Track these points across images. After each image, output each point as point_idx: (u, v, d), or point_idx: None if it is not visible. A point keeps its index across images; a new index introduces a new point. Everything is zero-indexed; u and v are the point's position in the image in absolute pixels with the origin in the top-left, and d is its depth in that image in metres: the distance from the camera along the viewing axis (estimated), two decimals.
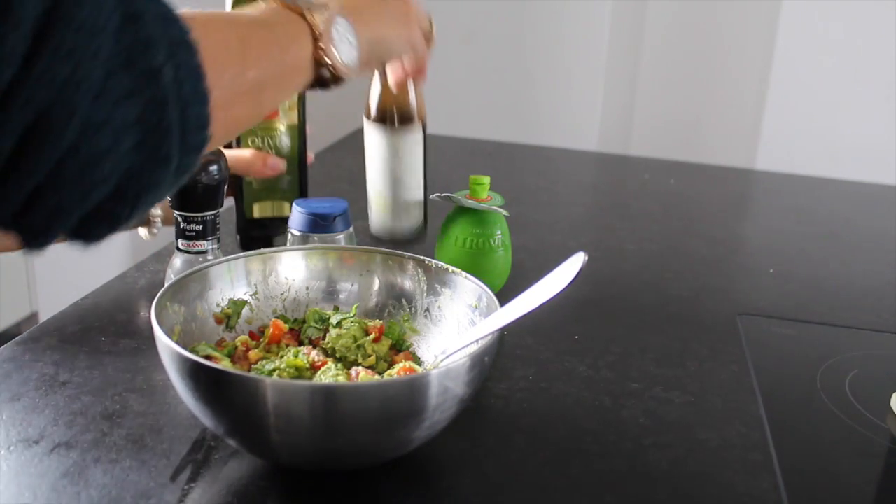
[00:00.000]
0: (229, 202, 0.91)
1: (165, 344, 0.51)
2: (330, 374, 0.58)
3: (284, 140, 0.88)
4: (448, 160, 1.55)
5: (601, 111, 2.23)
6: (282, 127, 0.88)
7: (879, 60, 2.03)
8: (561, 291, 0.53)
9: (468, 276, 0.64)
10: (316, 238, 0.77)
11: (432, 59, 0.76)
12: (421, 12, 0.72)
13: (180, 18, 0.41)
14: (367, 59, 0.61)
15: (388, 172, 0.86)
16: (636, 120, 2.39)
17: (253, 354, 0.61)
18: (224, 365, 0.57)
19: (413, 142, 0.84)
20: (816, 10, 2.05)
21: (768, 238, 1.20)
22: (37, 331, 0.73)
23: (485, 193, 0.83)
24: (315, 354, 0.61)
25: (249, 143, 0.87)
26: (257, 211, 0.90)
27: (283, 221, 0.81)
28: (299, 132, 0.89)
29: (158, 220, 0.81)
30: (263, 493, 0.54)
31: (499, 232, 0.82)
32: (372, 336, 0.64)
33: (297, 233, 0.77)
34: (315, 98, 0.86)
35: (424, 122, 0.85)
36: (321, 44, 0.55)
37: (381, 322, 0.66)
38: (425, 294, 0.67)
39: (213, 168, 0.74)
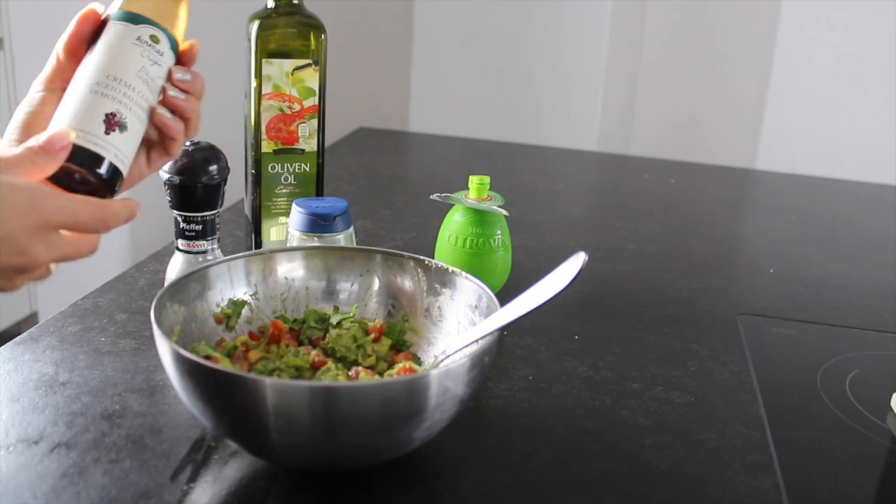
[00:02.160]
0: (229, 202, 0.91)
1: (165, 344, 0.51)
2: (330, 374, 0.58)
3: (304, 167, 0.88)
4: (448, 160, 1.55)
5: (601, 111, 2.23)
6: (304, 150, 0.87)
7: (879, 61, 2.03)
8: (561, 291, 0.52)
9: (468, 276, 0.64)
10: (316, 238, 0.77)
11: (432, 59, 0.75)
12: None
13: None
14: None
15: None
16: (636, 120, 2.40)
17: (253, 354, 0.61)
18: (224, 365, 0.56)
19: None
20: (816, 10, 2.06)
21: (768, 238, 1.20)
22: (37, 331, 0.73)
23: (485, 193, 0.83)
24: (315, 354, 0.61)
25: (269, 169, 0.87)
26: None
27: None
28: (318, 158, 0.88)
29: None
30: (263, 493, 0.54)
31: (499, 232, 0.82)
32: (372, 336, 0.64)
33: (297, 233, 0.77)
34: None
35: None
36: None
37: (381, 322, 0.66)
38: (425, 294, 0.67)
39: (213, 168, 0.74)
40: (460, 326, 0.64)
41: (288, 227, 0.79)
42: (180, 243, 0.75)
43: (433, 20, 2.28)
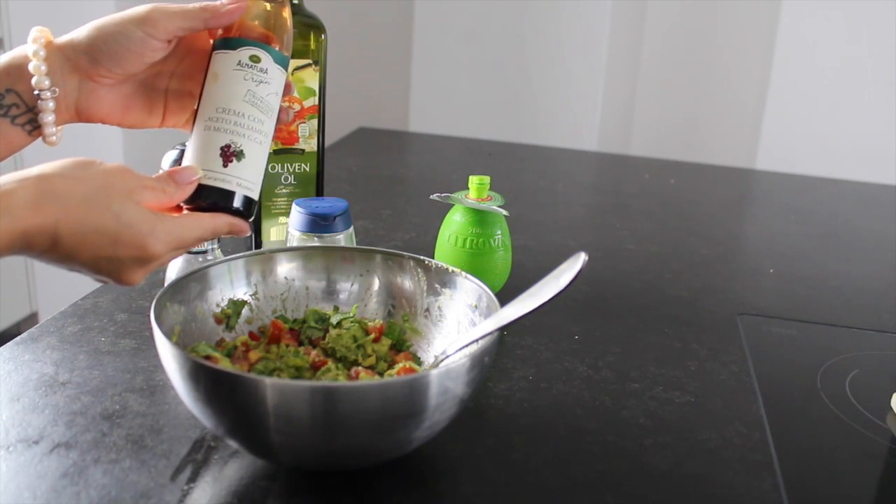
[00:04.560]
0: None
1: (165, 344, 0.51)
2: (330, 374, 0.58)
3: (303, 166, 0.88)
4: (448, 160, 1.55)
5: (601, 111, 2.23)
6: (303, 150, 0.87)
7: (879, 61, 2.03)
8: (561, 291, 0.52)
9: (468, 276, 0.64)
10: (316, 238, 0.77)
11: (432, 59, 0.75)
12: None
13: None
14: None
15: None
16: (636, 120, 2.40)
17: (253, 354, 0.61)
18: (224, 365, 0.56)
19: None
20: (816, 10, 2.06)
21: (768, 238, 1.20)
22: (37, 331, 0.73)
23: (485, 193, 0.83)
24: (315, 354, 0.61)
25: (269, 169, 0.87)
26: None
27: None
28: (318, 158, 0.89)
29: None
30: (263, 493, 0.54)
31: (499, 232, 0.82)
32: (372, 336, 0.64)
33: (297, 233, 0.77)
34: None
35: None
36: None
37: (381, 322, 0.66)
38: (425, 294, 0.67)
39: None
40: (460, 326, 0.64)
41: (288, 227, 0.79)
42: None
43: (433, 20, 2.28)
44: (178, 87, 0.61)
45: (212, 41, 0.59)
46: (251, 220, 0.59)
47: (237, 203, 0.57)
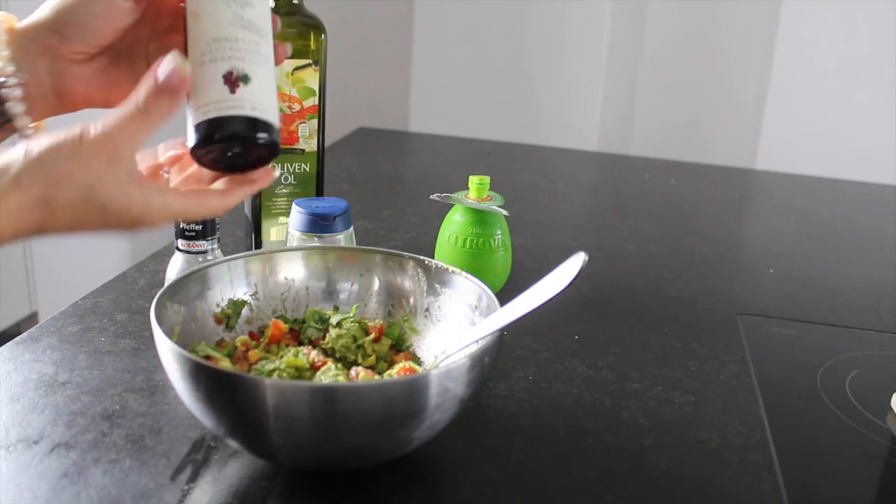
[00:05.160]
0: None
1: (165, 344, 0.51)
2: (330, 374, 0.58)
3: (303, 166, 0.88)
4: (448, 160, 1.55)
5: (601, 111, 2.23)
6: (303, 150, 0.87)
7: (879, 61, 2.03)
8: (561, 291, 0.52)
9: (468, 276, 0.64)
10: (316, 238, 0.77)
11: (432, 59, 0.74)
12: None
13: None
14: None
15: None
16: (636, 120, 2.40)
17: (253, 354, 0.61)
18: (224, 365, 0.56)
19: None
20: (816, 10, 2.06)
21: (768, 238, 1.20)
22: (37, 331, 0.73)
23: (485, 193, 0.83)
24: (315, 354, 0.61)
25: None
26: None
27: None
28: (318, 158, 0.89)
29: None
30: (263, 494, 0.54)
31: (499, 232, 0.82)
32: (372, 336, 0.64)
33: (297, 233, 0.77)
34: None
35: None
36: None
37: (381, 322, 0.66)
38: (425, 294, 0.67)
39: None
40: (460, 326, 0.64)
41: (288, 227, 0.79)
42: (180, 243, 0.75)
43: (433, 20, 2.28)
44: (157, 51, 0.57)
45: None
46: (277, 158, 0.53)
47: (260, 130, 0.51)
